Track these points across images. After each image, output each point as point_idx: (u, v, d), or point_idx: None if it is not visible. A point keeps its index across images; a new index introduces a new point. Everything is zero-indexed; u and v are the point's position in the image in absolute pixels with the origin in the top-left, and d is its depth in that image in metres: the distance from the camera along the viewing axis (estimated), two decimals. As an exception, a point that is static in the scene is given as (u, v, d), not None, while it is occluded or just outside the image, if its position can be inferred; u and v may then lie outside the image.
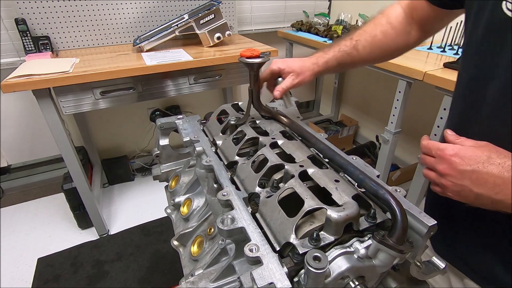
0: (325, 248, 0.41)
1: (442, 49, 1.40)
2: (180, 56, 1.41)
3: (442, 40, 1.45)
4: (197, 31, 1.52)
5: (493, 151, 0.40)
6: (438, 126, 1.15)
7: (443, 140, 0.48)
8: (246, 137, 0.65)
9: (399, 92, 1.30)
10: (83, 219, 1.62)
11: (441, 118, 1.14)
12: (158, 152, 0.90)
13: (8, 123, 1.71)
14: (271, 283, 0.36)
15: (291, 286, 0.36)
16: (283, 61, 0.67)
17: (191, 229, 0.73)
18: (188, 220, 0.77)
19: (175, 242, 0.73)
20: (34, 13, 1.45)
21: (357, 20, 1.84)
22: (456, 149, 0.42)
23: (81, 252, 1.53)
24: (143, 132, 2.10)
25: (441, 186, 0.44)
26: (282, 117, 0.70)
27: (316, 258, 0.35)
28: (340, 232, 0.42)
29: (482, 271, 0.54)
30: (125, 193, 1.96)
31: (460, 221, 0.55)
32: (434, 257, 0.45)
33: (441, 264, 0.44)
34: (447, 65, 1.18)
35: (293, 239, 0.41)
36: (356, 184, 0.51)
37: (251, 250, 0.40)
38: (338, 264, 0.40)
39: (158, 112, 1.98)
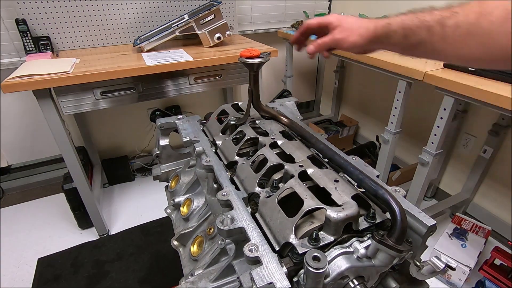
0: (325, 248, 0.41)
1: (442, 49, 1.40)
2: (180, 56, 1.41)
3: (442, 40, 1.45)
4: (197, 31, 1.52)
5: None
6: (438, 126, 1.15)
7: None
8: (246, 137, 0.65)
9: (399, 92, 1.30)
10: (83, 219, 1.63)
11: (441, 118, 1.14)
12: (158, 152, 0.90)
13: (8, 123, 1.71)
14: (271, 283, 0.36)
15: (290, 286, 0.36)
16: (338, 15, 0.54)
17: (191, 229, 0.73)
18: (188, 220, 0.77)
19: (175, 242, 0.74)
20: (34, 13, 1.45)
21: (357, 20, 1.84)
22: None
23: (81, 252, 1.53)
24: (143, 132, 2.10)
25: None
26: (282, 117, 0.70)
27: (315, 258, 0.35)
28: (340, 232, 0.42)
29: None
30: (125, 193, 1.96)
31: None
32: (433, 257, 0.45)
33: (440, 264, 0.44)
34: (447, 65, 1.18)
35: (292, 239, 0.41)
36: (355, 184, 0.51)
37: (250, 250, 0.40)
38: (338, 264, 0.40)
39: (158, 112, 1.98)
